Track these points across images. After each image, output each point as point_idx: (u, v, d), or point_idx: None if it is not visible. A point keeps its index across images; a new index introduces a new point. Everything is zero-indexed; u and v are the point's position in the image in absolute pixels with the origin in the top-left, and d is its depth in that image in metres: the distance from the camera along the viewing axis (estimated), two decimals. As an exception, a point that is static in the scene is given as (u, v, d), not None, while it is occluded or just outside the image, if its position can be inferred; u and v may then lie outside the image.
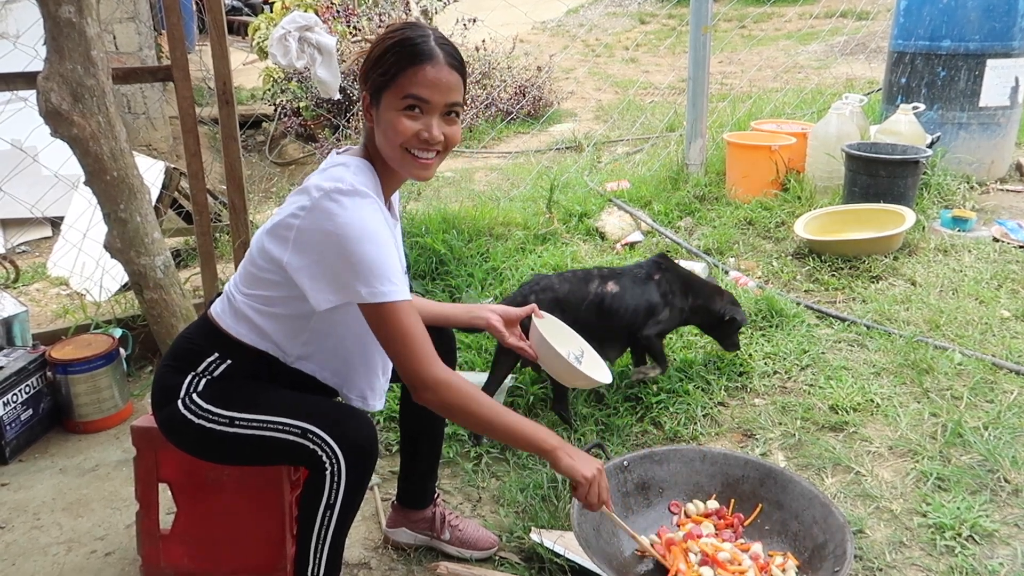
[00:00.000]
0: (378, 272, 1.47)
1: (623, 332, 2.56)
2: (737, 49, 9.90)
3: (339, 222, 1.46)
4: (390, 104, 1.55)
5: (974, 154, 4.56)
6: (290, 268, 1.53)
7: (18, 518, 2.29)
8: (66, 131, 2.55)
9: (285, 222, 1.53)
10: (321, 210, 1.48)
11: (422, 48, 1.53)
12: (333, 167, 1.58)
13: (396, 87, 1.53)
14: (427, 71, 1.53)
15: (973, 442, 2.33)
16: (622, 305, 2.52)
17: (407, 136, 1.55)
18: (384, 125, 1.56)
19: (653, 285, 2.58)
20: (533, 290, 2.49)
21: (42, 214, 3.79)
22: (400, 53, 1.52)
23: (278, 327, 1.63)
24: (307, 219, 1.50)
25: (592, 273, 2.58)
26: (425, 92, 1.53)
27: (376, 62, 1.55)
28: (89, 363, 2.71)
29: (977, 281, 3.37)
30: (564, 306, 2.44)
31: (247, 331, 1.64)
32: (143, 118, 6.72)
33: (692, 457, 2.06)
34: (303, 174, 6.99)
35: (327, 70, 3.12)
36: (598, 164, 5.60)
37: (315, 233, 1.49)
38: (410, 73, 1.52)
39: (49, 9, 2.46)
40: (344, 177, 1.52)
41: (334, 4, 7.47)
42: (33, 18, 2.64)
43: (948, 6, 4.42)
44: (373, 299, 1.47)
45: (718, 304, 2.67)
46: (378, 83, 1.55)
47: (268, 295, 1.61)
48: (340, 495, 1.55)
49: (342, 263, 1.47)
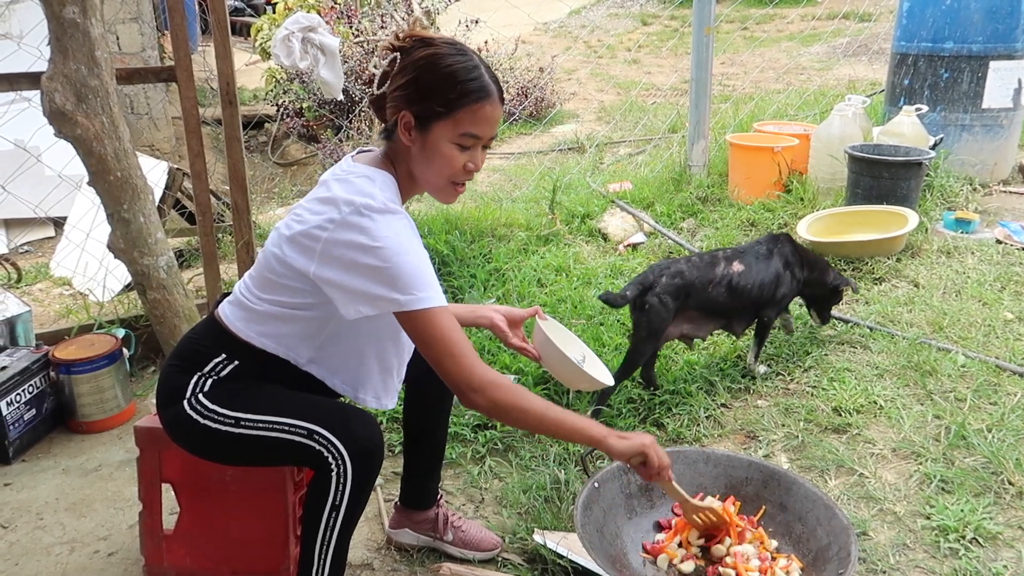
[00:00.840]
0: (417, 281, 1.47)
1: (752, 307, 2.72)
2: (740, 50, 9.90)
3: (374, 236, 1.46)
4: (443, 135, 1.55)
5: (977, 156, 4.55)
6: (318, 279, 1.52)
7: (21, 518, 2.29)
8: (70, 131, 2.55)
9: (310, 233, 1.51)
10: (352, 225, 1.47)
11: (482, 84, 1.54)
12: (357, 178, 1.55)
13: (454, 121, 1.54)
14: (486, 109, 1.55)
15: (977, 444, 2.32)
16: (750, 281, 2.67)
17: (456, 169, 1.57)
18: (431, 153, 1.57)
19: (776, 259, 2.76)
20: (664, 273, 2.58)
21: (45, 214, 3.79)
22: (463, 89, 1.52)
23: (294, 330, 1.63)
24: (337, 232, 1.48)
25: (717, 256, 2.72)
26: (482, 130, 1.56)
27: (431, 89, 1.53)
28: (92, 363, 2.71)
29: (980, 283, 3.37)
30: (691, 290, 2.58)
31: (259, 334, 1.63)
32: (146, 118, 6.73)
33: (695, 459, 2.06)
34: (305, 175, 7.00)
35: (330, 71, 3.12)
36: (600, 165, 5.60)
37: (347, 247, 1.47)
38: (471, 110, 1.53)
39: (53, 10, 2.46)
40: (374, 193, 1.51)
41: (337, 5, 7.48)
42: (37, 18, 2.65)
43: (951, 8, 4.42)
44: (412, 307, 1.47)
45: (830, 275, 2.88)
46: (432, 112, 1.54)
47: (288, 301, 1.60)
48: (345, 496, 1.55)
49: (379, 275, 1.46)
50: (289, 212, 1.64)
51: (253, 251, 3.23)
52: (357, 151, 1.70)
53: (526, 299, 3.27)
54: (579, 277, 3.46)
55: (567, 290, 3.31)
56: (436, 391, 1.95)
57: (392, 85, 1.57)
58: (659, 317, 2.53)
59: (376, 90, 1.60)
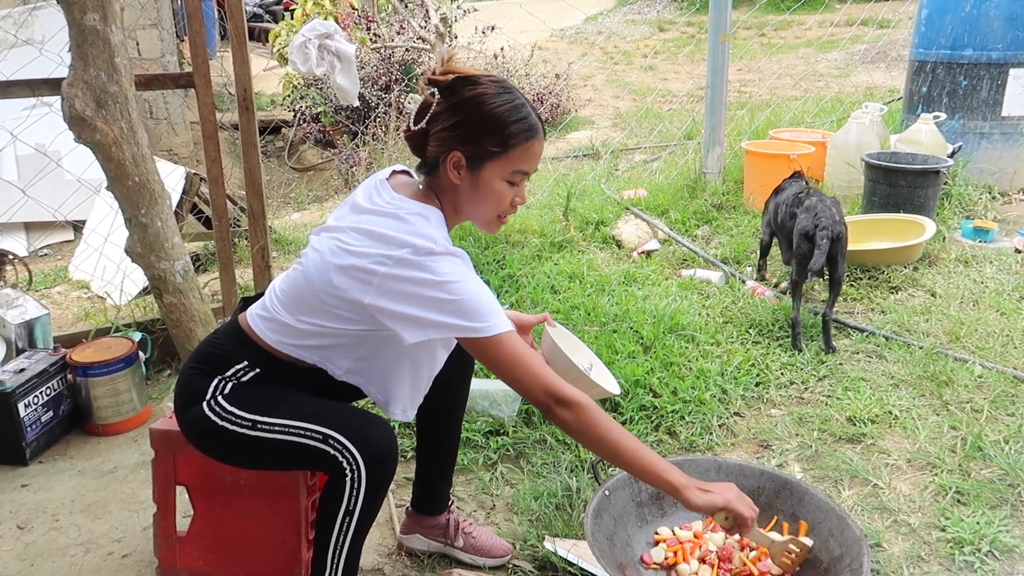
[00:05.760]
0: (485, 309, 1.49)
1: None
2: (756, 57, 9.87)
3: (438, 273, 1.48)
4: (496, 173, 1.58)
5: (996, 164, 4.51)
6: (373, 309, 1.52)
7: (37, 519, 2.31)
8: (89, 137, 2.58)
9: (366, 267, 1.51)
10: (414, 264, 1.49)
11: (531, 123, 1.58)
12: (412, 215, 1.55)
13: (507, 160, 1.57)
14: (535, 146, 1.59)
15: (993, 456, 2.30)
16: None
17: (505, 205, 1.62)
18: (484, 191, 1.59)
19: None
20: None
21: (65, 218, 3.84)
22: (514, 130, 1.55)
23: (336, 346, 1.64)
24: (396, 268, 1.49)
25: None
26: (530, 166, 1.61)
27: (482, 130, 1.55)
28: (109, 366, 2.74)
29: (998, 292, 3.33)
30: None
31: (296, 349, 1.64)
32: (164, 123, 6.80)
33: (707, 467, 2.05)
34: (321, 180, 7.05)
35: (346, 77, 3.15)
36: (615, 172, 5.59)
37: (410, 283, 1.49)
38: (523, 148, 1.57)
39: (75, 16, 2.50)
40: (434, 236, 1.52)
41: (354, 11, 7.53)
42: (59, 25, 2.69)
43: (970, 15, 4.39)
44: (485, 333, 1.49)
45: None
46: (486, 152, 1.56)
47: (333, 327, 1.60)
48: (359, 501, 1.56)
49: (448, 307, 1.48)
50: (323, 231, 1.63)
51: (269, 256, 3.25)
52: (390, 172, 1.70)
53: (539, 306, 3.27)
54: (593, 284, 3.46)
55: (580, 297, 3.31)
56: (449, 398, 1.96)
57: (437, 124, 1.58)
58: None
59: (414, 126, 1.61)
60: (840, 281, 3.02)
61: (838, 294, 3.04)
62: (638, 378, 2.70)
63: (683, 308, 3.17)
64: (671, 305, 3.19)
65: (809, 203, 3.05)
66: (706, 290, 3.47)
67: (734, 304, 3.30)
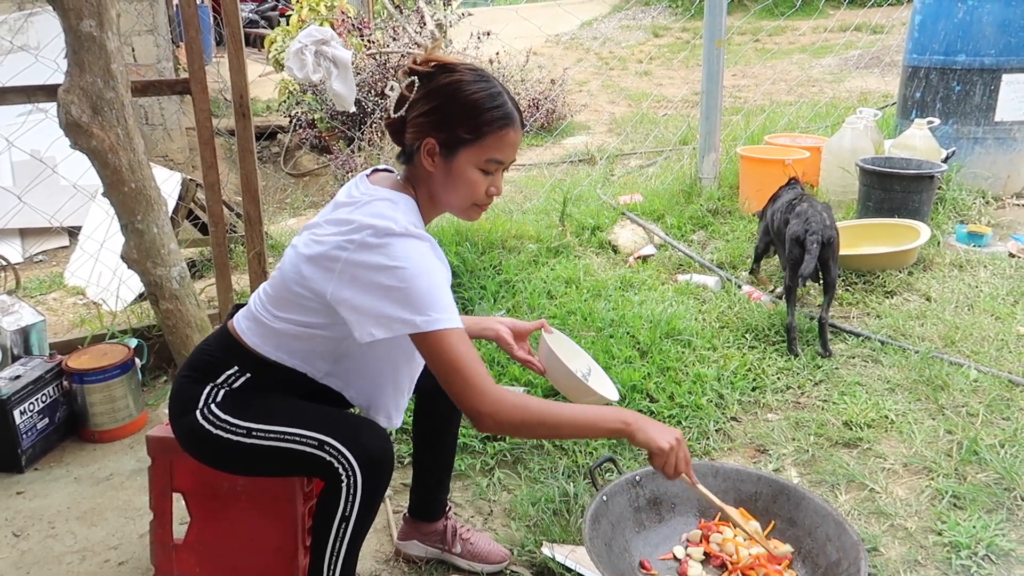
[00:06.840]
0: (433, 302, 1.45)
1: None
2: (751, 62, 9.91)
3: (394, 256, 1.45)
4: (469, 160, 1.57)
5: (989, 169, 4.54)
6: (333, 299, 1.51)
7: (33, 527, 2.30)
8: (85, 143, 2.58)
9: (329, 254, 1.50)
10: (373, 246, 1.46)
11: (507, 111, 1.56)
12: (379, 201, 1.55)
13: (480, 147, 1.56)
14: (510, 135, 1.58)
15: (989, 460, 2.30)
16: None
17: (479, 193, 1.60)
18: (456, 179, 1.58)
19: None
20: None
21: (60, 224, 3.83)
22: (488, 117, 1.54)
23: (311, 347, 1.63)
24: (356, 253, 1.47)
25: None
26: (505, 155, 1.59)
27: (456, 116, 1.54)
28: (105, 373, 2.73)
29: (993, 297, 3.35)
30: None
31: (275, 348, 1.64)
32: (160, 129, 6.80)
33: (704, 472, 2.05)
34: (317, 185, 7.04)
35: (342, 83, 3.15)
36: (611, 177, 5.60)
37: (367, 268, 1.47)
38: (497, 136, 1.56)
39: (70, 23, 2.49)
40: (396, 217, 1.50)
41: (349, 18, 7.54)
42: (55, 31, 2.68)
43: (963, 21, 4.41)
44: (427, 328, 1.44)
45: None
46: (459, 139, 1.55)
47: (302, 320, 1.60)
48: (355, 507, 1.56)
49: (394, 295, 1.45)
50: (304, 229, 1.64)
51: (265, 262, 3.25)
52: (371, 170, 1.71)
53: (536, 311, 3.27)
54: (589, 289, 3.47)
55: (577, 302, 3.31)
56: (446, 404, 1.93)
57: (414, 111, 1.58)
58: None
59: (394, 114, 1.61)
60: (834, 284, 3.04)
61: (833, 297, 3.06)
62: (635, 383, 2.71)
63: (679, 313, 3.17)
64: (667, 310, 3.20)
65: (800, 209, 3.08)
66: (702, 295, 3.48)
67: (730, 309, 3.31)
